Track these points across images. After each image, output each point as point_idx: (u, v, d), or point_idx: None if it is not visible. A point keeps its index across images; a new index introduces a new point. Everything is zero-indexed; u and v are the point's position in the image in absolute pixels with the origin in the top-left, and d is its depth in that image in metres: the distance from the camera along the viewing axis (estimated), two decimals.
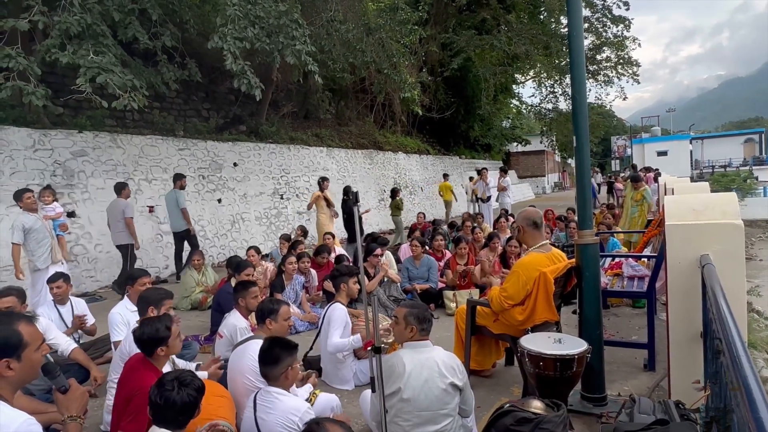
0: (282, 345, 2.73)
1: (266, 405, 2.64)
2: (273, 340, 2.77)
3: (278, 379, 2.69)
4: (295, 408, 2.62)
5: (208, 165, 10.89)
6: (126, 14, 7.77)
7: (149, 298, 3.50)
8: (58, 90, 8.49)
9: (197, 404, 2.18)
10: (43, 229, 6.14)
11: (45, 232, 6.15)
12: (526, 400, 2.69)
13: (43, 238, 6.11)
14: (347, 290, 4.30)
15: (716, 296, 2.12)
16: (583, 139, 3.49)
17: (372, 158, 17.23)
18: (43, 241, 6.11)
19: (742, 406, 1.32)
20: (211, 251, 10.24)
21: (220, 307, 5.05)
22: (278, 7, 8.81)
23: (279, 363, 2.68)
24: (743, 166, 38.08)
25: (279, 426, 2.57)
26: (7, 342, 1.73)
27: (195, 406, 2.16)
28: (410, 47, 16.92)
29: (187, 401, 2.12)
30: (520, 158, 41.48)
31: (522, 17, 21.53)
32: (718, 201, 3.19)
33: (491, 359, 4.22)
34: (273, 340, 2.77)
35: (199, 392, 2.20)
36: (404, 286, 6.54)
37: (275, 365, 2.68)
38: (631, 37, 21.56)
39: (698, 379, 2.93)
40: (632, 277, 5.03)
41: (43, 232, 6.12)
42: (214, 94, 13.20)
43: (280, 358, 2.69)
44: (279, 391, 2.67)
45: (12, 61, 6.39)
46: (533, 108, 28.12)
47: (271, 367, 2.68)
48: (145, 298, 3.54)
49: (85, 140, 8.61)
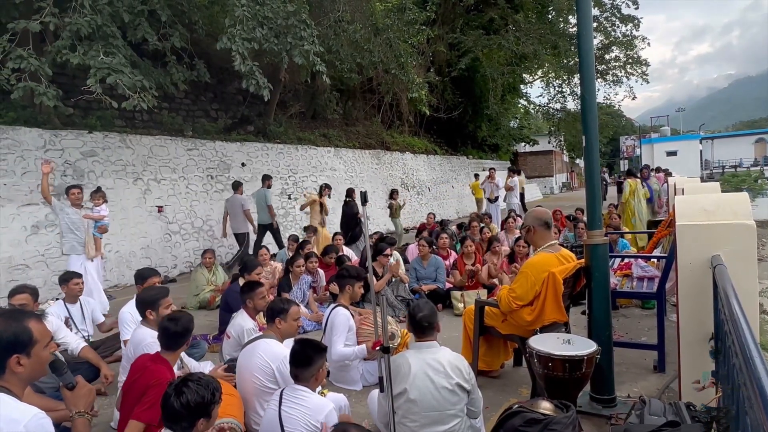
0: (314, 347, 2.78)
1: (293, 401, 2.66)
2: (304, 342, 2.82)
3: (308, 380, 2.73)
4: (321, 406, 2.66)
5: (217, 165, 10.95)
6: (135, 15, 7.82)
7: (144, 300, 3.51)
8: (68, 91, 8.57)
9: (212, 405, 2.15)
10: (80, 223, 6.65)
11: (81, 226, 6.66)
12: (535, 401, 2.68)
13: (77, 230, 6.59)
14: (351, 293, 4.30)
15: (728, 297, 2.10)
16: (593, 139, 3.47)
17: (379, 158, 17.24)
18: (76, 232, 6.60)
19: (756, 408, 1.31)
20: (219, 251, 10.28)
21: (229, 307, 5.08)
22: (286, 8, 8.83)
23: (312, 364, 2.72)
24: (754, 166, 37.61)
25: (303, 423, 2.59)
26: (17, 338, 1.75)
27: (210, 405, 2.14)
28: (418, 47, 16.91)
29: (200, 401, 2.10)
30: (527, 158, 41.29)
31: (530, 17, 21.43)
32: (729, 201, 3.16)
33: (499, 360, 4.20)
34: (304, 342, 2.82)
35: (216, 392, 2.18)
36: (412, 286, 6.54)
37: (308, 366, 2.72)
38: (640, 37, 21.42)
39: (698, 379, 2.91)
40: (642, 278, 4.99)
41: (78, 225, 6.61)
42: (222, 94, 13.26)
43: (312, 360, 2.73)
44: (305, 390, 2.71)
45: (24, 62, 6.46)
46: (541, 108, 27.97)
47: (303, 369, 2.72)
48: (141, 301, 3.54)
49: (95, 140, 8.68)
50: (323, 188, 9.95)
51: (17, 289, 4.00)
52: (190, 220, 10.06)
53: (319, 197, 9.75)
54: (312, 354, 2.74)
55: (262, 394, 3.11)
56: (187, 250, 9.85)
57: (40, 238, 7.62)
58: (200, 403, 2.07)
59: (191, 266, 9.61)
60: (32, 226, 7.55)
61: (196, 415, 2.06)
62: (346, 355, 3.95)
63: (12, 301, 3.89)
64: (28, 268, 7.42)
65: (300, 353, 2.74)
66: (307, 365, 2.72)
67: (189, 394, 2.06)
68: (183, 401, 2.04)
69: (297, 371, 2.73)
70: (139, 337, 3.37)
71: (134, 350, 3.33)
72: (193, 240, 10.02)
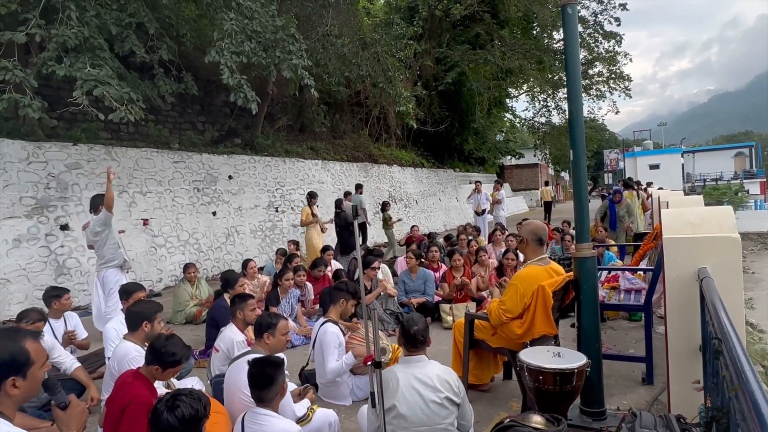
0: (271, 364, 2.64)
1: (256, 427, 2.54)
2: (258, 362, 2.66)
3: (273, 399, 2.60)
4: (284, 430, 2.55)
5: (203, 178, 10.87)
6: (123, 28, 7.80)
7: (143, 313, 3.41)
8: (53, 102, 8.48)
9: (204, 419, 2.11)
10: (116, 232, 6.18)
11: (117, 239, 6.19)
12: (526, 415, 2.67)
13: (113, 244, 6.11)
14: (343, 308, 4.27)
15: (717, 309, 2.12)
16: (580, 153, 3.50)
17: (367, 171, 17.28)
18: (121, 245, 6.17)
19: (748, 418, 1.32)
20: (205, 264, 10.18)
21: (215, 322, 5.00)
22: (275, 22, 8.88)
23: (275, 383, 2.59)
24: (734, 179, 38.43)
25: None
26: (15, 360, 1.70)
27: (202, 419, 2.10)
28: (405, 61, 17.08)
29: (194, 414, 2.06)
30: (513, 171, 41.68)
31: (515, 32, 21.82)
32: (714, 214, 3.21)
33: (489, 373, 4.19)
34: (258, 362, 2.66)
35: (207, 407, 2.14)
36: (401, 299, 6.51)
37: (271, 386, 2.59)
38: (622, 52, 21.87)
39: (698, 379, 2.92)
40: (629, 290, 5.03)
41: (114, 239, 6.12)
42: (209, 107, 13.23)
43: (274, 379, 2.59)
44: (268, 413, 2.58)
45: (9, 73, 6.40)
46: (527, 122, 28.33)
47: (267, 391, 2.58)
48: (137, 313, 3.43)
49: (80, 153, 8.58)
50: (309, 198, 9.84)
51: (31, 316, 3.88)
52: (176, 233, 9.95)
53: (309, 206, 9.68)
54: (272, 372, 2.60)
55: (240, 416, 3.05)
56: (172, 264, 9.72)
57: (22, 252, 7.47)
58: (194, 417, 2.03)
59: (176, 280, 9.48)
60: (14, 240, 7.40)
61: (189, 429, 2.03)
62: (339, 369, 3.91)
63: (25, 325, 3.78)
64: (9, 282, 7.26)
65: (260, 375, 2.59)
66: (270, 384, 2.58)
67: (183, 407, 2.02)
68: (178, 415, 2.00)
69: (261, 394, 2.58)
70: (123, 352, 3.30)
71: (118, 365, 3.26)
72: (179, 253, 9.90)
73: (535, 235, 3.66)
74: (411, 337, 2.79)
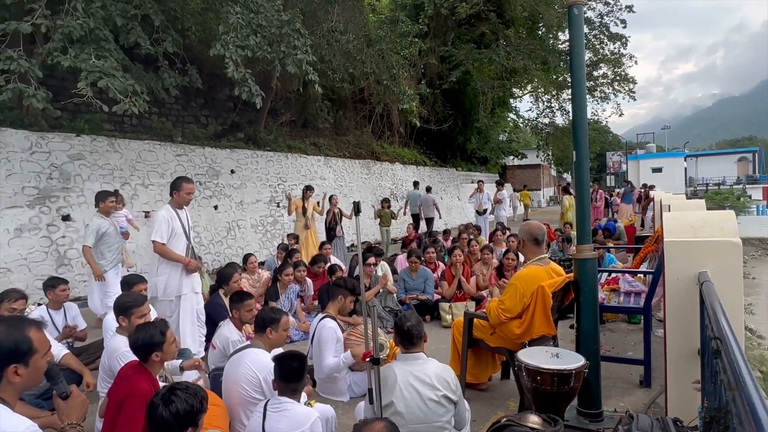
0: (300, 359, 2.79)
1: (277, 412, 2.65)
2: (291, 356, 2.80)
3: (299, 391, 2.77)
4: (306, 416, 2.65)
5: (206, 171, 10.88)
6: (128, 19, 7.79)
7: (118, 306, 3.42)
8: (57, 93, 8.46)
9: (200, 413, 2.12)
10: (114, 233, 6.07)
11: (116, 236, 6.10)
12: (523, 415, 2.67)
13: (113, 242, 6.03)
14: (342, 304, 4.28)
15: (716, 314, 2.12)
16: (583, 155, 3.50)
17: (369, 168, 17.27)
18: (113, 246, 6.03)
19: (745, 421, 1.32)
20: (206, 258, 10.19)
21: (210, 318, 5.01)
22: (281, 17, 8.86)
23: (303, 377, 2.76)
24: (737, 184, 38.32)
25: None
26: (17, 348, 1.71)
27: (198, 414, 2.11)
28: (409, 59, 17.05)
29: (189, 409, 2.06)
30: (515, 171, 41.60)
31: (520, 32, 21.70)
32: (716, 218, 3.21)
33: (487, 372, 4.20)
34: (291, 356, 2.80)
35: (204, 401, 2.15)
36: (400, 297, 6.52)
37: (302, 379, 2.76)
38: (627, 55, 21.75)
39: (698, 379, 2.93)
40: (629, 293, 5.03)
41: (113, 236, 6.04)
42: (213, 100, 13.21)
43: (303, 372, 2.76)
44: (291, 401, 2.71)
45: (13, 63, 6.40)
46: (530, 122, 28.24)
47: (298, 383, 2.74)
48: (115, 306, 3.45)
49: (83, 144, 8.59)
50: (305, 191, 9.81)
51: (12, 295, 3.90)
52: None
53: (303, 200, 9.64)
54: (302, 366, 2.76)
55: (248, 404, 3.07)
56: None
57: (23, 242, 7.49)
58: (189, 412, 2.04)
59: None
60: (15, 229, 7.42)
61: (185, 424, 2.03)
62: (336, 366, 3.92)
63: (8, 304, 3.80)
64: (10, 272, 7.28)
65: (295, 369, 2.74)
66: (300, 378, 2.75)
67: (178, 402, 2.03)
68: (173, 410, 2.01)
69: (297, 386, 2.74)
70: (113, 346, 3.30)
71: (108, 359, 3.27)
72: None
73: (531, 235, 3.67)
74: (406, 333, 2.80)
